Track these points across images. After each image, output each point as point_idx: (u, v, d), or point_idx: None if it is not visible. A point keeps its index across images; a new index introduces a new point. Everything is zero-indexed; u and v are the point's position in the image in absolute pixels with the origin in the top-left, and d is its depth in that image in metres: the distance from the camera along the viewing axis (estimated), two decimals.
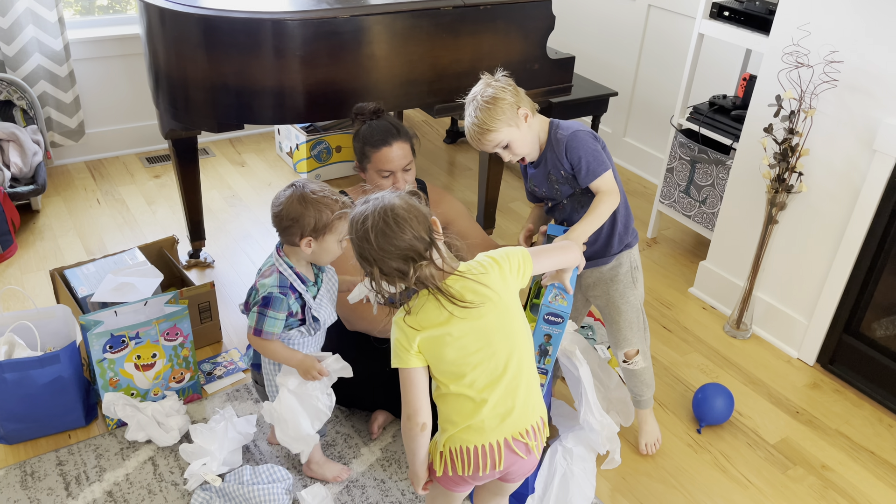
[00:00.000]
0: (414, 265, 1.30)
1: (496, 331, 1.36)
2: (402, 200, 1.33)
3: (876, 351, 2.40)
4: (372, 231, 1.29)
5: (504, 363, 1.37)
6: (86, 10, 3.74)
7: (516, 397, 1.38)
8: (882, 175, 2.21)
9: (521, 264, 1.42)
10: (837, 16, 2.22)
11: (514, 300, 1.40)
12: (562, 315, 1.68)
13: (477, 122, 1.74)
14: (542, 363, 1.76)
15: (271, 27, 2.26)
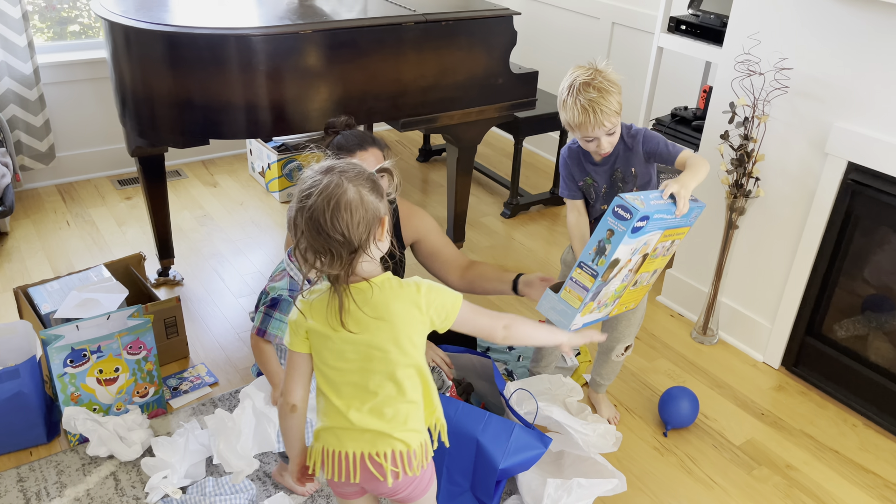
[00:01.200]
0: (329, 260, 1.25)
1: (379, 354, 1.30)
2: (356, 192, 1.24)
3: (838, 352, 2.44)
4: (308, 210, 1.22)
5: (377, 386, 1.32)
6: (58, 35, 3.77)
7: (380, 420, 1.33)
8: (835, 177, 2.27)
9: (446, 306, 1.33)
10: (785, 25, 2.28)
11: (411, 333, 1.31)
12: (631, 212, 1.56)
13: (594, 107, 1.79)
14: (596, 263, 1.62)
15: (234, 43, 2.29)
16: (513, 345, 1.77)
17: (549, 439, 1.87)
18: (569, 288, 1.68)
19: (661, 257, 1.83)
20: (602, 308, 1.79)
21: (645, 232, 1.63)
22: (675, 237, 1.80)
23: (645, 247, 1.70)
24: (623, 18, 3.61)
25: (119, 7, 2.46)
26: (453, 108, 2.78)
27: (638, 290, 1.89)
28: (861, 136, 2.17)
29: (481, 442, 1.80)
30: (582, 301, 1.66)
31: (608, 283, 1.68)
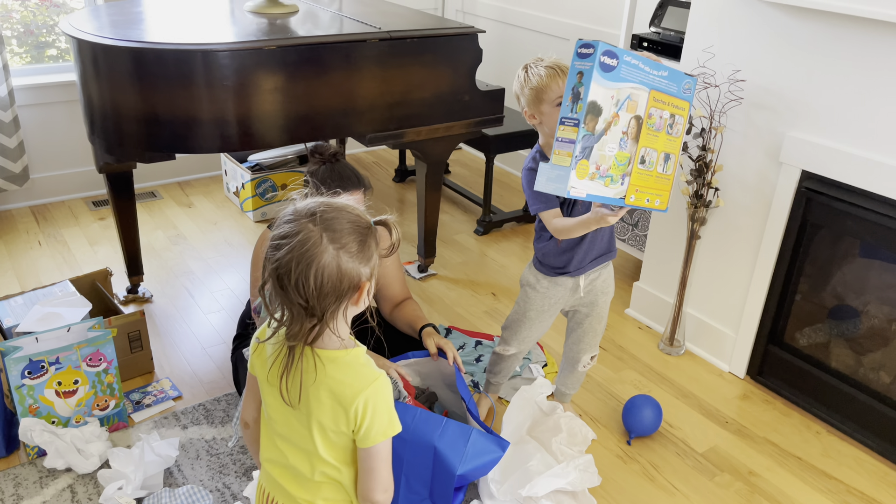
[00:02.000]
0: (290, 319, 1.15)
1: (301, 423, 1.22)
2: (335, 256, 1.11)
3: (801, 360, 2.46)
4: (274, 262, 1.12)
5: (285, 439, 1.26)
6: (35, 59, 3.81)
7: (281, 481, 1.28)
8: (790, 186, 2.31)
9: (371, 425, 1.19)
10: (737, 37, 2.34)
11: (320, 421, 1.20)
12: (593, 45, 1.53)
13: (556, 64, 1.85)
14: (574, 110, 1.56)
15: (199, 58, 2.33)
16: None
17: (506, 443, 1.87)
18: (557, 150, 1.61)
19: (666, 135, 1.74)
20: (608, 181, 1.67)
21: (620, 77, 1.58)
22: (672, 109, 1.73)
23: (631, 102, 1.64)
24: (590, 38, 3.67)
25: (87, 25, 2.50)
26: (420, 124, 2.81)
27: (655, 176, 1.77)
28: (813, 145, 2.21)
29: (438, 448, 1.80)
30: (572, 156, 1.59)
31: (598, 138, 1.61)
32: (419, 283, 3.17)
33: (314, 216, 1.13)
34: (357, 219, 1.16)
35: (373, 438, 1.20)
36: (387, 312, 2.35)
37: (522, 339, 2.19)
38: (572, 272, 2.01)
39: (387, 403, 1.20)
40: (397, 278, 2.35)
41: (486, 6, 4.34)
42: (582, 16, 3.73)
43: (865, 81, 2.07)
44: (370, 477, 1.23)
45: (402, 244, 3.48)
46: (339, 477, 1.25)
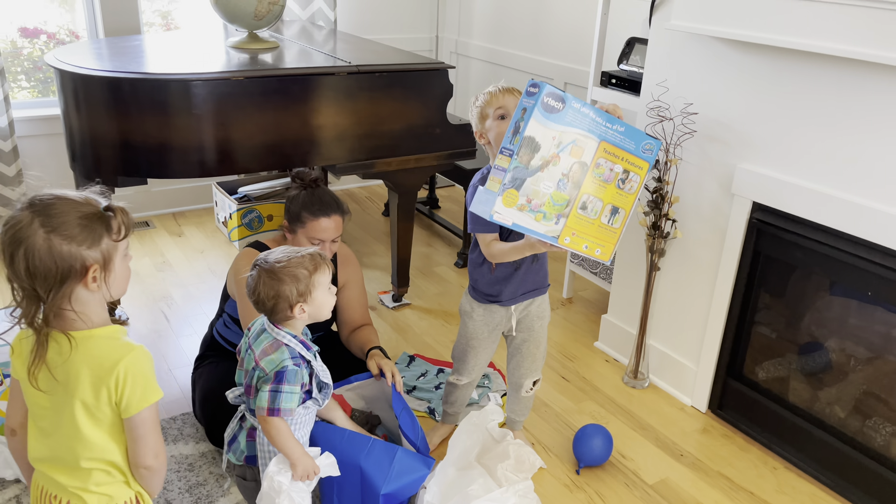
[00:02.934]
0: (21, 298, 1.18)
1: (63, 408, 1.24)
2: (45, 239, 1.16)
3: (759, 394, 2.43)
4: (2, 239, 1.17)
5: (47, 432, 1.27)
6: (42, 93, 3.99)
7: (63, 475, 1.28)
8: (741, 217, 2.32)
9: (132, 395, 1.23)
10: (689, 71, 2.39)
11: (82, 399, 1.23)
12: (539, 86, 1.57)
13: (506, 85, 1.96)
14: (512, 142, 1.62)
15: (172, 87, 2.44)
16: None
17: (431, 460, 1.88)
18: (491, 176, 1.67)
19: (616, 189, 1.75)
20: (540, 217, 1.70)
21: (565, 121, 1.62)
22: (626, 165, 1.74)
23: (576, 147, 1.67)
24: (575, 78, 3.76)
25: (70, 58, 2.63)
26: (390, 155, 2.89)
27: (597, 226, 1.78)
28: (762, 177, 2.23)
29: (364, 468, 1.81)
30: (501, 183, 1.64)
31: (532, 173, 1.65)
32: (392, 312, 3.20)
33: (31, 204, 1.19)
34: (81, 205, 1.21)
35: (135, 406, 1.24)
36: (344, 336, 2.39)
37: (471, 368, 2.21)
38: (504, 302, 2.04)
39: (145, 371, 1.25)
40: (358, 302, 2.39)
41: (477, 48, 4.46)
42: (562, 55, 3.82)
43: (807, 114, 2.09)
44: (139, 444, 1.27)
45: (378, 273, 3.54)
46: (110, 457, 1.28)
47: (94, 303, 1.25)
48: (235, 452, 1.73)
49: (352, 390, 2.19)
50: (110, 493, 1.31)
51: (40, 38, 3.88)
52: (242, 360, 1.70)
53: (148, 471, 1.31)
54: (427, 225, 4.22)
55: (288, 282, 1.59)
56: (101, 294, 1.25)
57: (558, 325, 3.14)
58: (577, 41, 3.70)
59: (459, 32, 4.61)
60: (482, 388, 2.64)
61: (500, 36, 4.27)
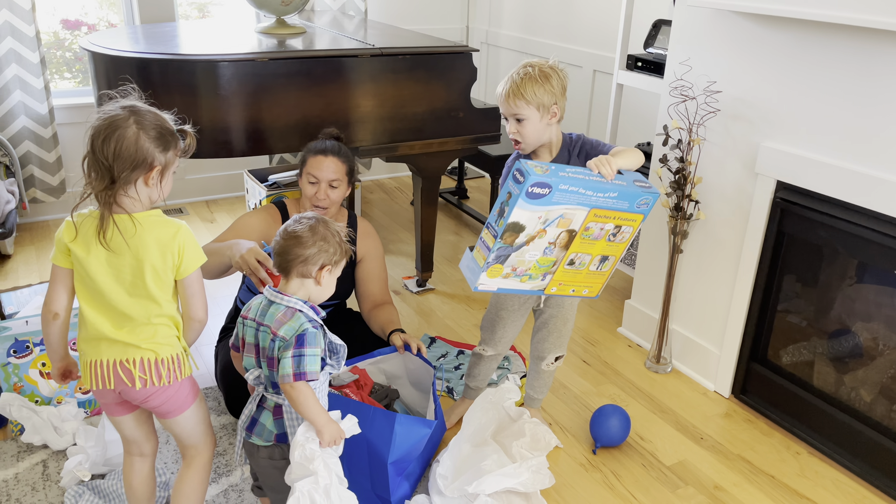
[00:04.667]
0: (97, 178, 1.43)
1: (129, 279, 1.48)
2: (135, 133, 1.43)
3: (783, 378, 2.38)
4: (92, 128, 1.44)
5: (125, 306, 1.50)
6: (83, 83, 4.12)
7: (129, 333, 1.51)
8: (765, 197, 2.28)
9: (186, 260, 1.49)
10: (712, 49, 2.36)
11: (158, 269, 1.48)
12: (525, 176, 1.56)
13: (518, 83, 1.83)
14: (497, 223, 1.65)
15: (199, 67, 2.49)
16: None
17: (432, 422, 1.89)
18: (477, 247, 1.74)
19: (607, 242, 1.77)
20: (526, 279, 1.76)
21: (550, 202, 1.61)
22: (617, 222, 1.73)
23: (563, 220, 1.67)
24: (602, 65, 3.73)
25: (102, 41, 2.71)
26: (413, 139, 2.91)
27: (585, 273, 1.82)
28: (787, 155, 2.19)
29: (369, 439, 1.83)
30: (485, 260, 1.69)
31: (518, 249, 1.68)
32: (415, 296, 3.22)
33: (131, 107, 1.47)
34: (163, 120, 1.49)
35: (191, 267, 1.51)
36: (365, 311, 2.41)
37: (498, 339, 2.22)
38: None
39: (193, 239, 1.52)
40: (378, 276, 2.42)
41: (507, 37, 4.46)
42: (591, 43, 3.79)
43: (835, 89, 2.05)
44: (193, 300, 1.55)
45: (403, 259, 3.56)
46: (169, 312, 1.54)
47: (145, 196, 1.50)
48: (262, 435, 1.68)
49: (374, 364, 2.22)
50: (173, 343, 1.56)
51: (81, 30, 4.01)
52: (250, 345, 1.63)
53: (199, 323, 1.58)
54: (455, 214, 4.23)
55: (333, 244, 1.60)
56: (152, 191, 1.49)
57: (582, 311, 3.12)
58: (606, 28, 3.68)
59: (490, 22, 4.61)
60: (502, 369, 2.64)
61: (530, 25, 4.26)
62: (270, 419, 1.65)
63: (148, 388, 1.54)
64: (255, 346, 1.60)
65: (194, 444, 1.69)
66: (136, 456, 1.73)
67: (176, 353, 1.57)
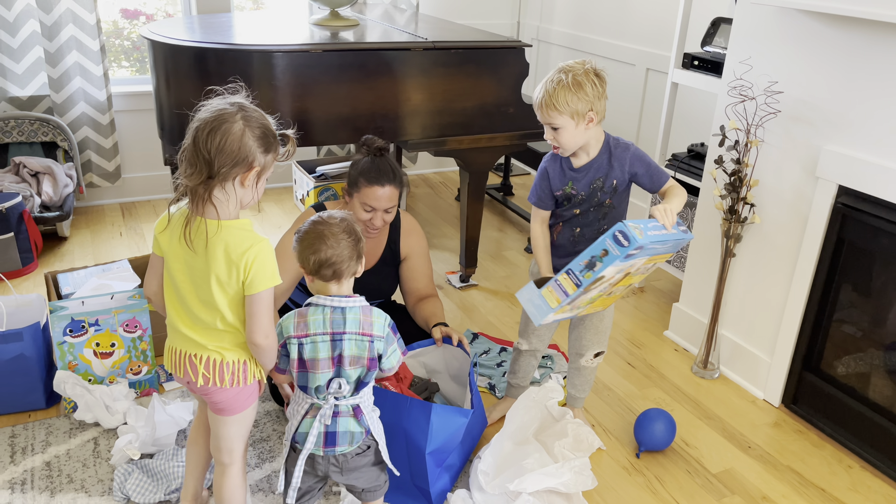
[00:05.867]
0: (193, 171, 1.41)
1: (201, 283, 1.48)
2: (241, 129, 1.41)
3: (837, 389, 2.31)
4: (197, 119, 1.42)
5: (197, 308, 1.50)
6: (140, 71, 4.21)
7: (198, 334, 1.52)
8: (826, 202, 2.21)
9: (256, 279, 1.45)
10: (775, 48, 2.29)
11: (225, 281, 1.46)
12: (630, 241, 1.63)
13: (550, 93, 1.83)
14: (583, 275, 1.70)
15: (254, 58, 2.52)
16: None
17: (468, 411, 1.89)
18: (551, 288, 1.78)
19: (640, 275, 1.92)
20: (575, 310, 1.88)
21: (636, 258, 1.74)
22: (657, 260, 1.88)
23: (630, 266, 1.79)
24: (657, 64, 3.66)
25: (162, 30, 2.76)
26: (462, 134, 2.90)
27: (610, 297, 1.95)
28: (850, 159, 2.12)
29: (407, 429, 1.83)
30: (560, 303, 1.77)
31: (588, 292, 1.78)
32: (459, 291, 3.21)
33: (239, 104, 1.45)
34: (268, 122, 1.47)
35: (257, 286, 1.46)
36: (410, 305, 2.41)
37: (531, 333, 2.21)
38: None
39: (271, 259, 1.46)
40: (422, 273, 2.41)
41: (559, 34, 4.41)
42: (645, 40, 3.73)
43: None
44: (254, 321, 1.49)
45: (447, 254, 3.56)
46: (236, 324, 1.52)
47: (235, 199, 1.47)
48: (350, 441, 1.61)
49: (413, 357, 2.22)
50: (241, 349, 1.55)
51: (139, 19, 4.10)
52: (325, 360, 1.55)
53: (258, 348, 1.52)
54: (500, 211, 4.21)
55: (357, 234, 1.60)
56: (247, 192, 1.47)
57: (628, 313, 3.08)
58: (661, 25, 3.61)
59: (541, 18, 4.57)
60: (544, 368, 2.62)
61: (582, 21, 4.21)
62: (353, 422, 1.60)
63: (210, 386, 1.55)
64: (336, 358, 1.54)
65: (232, 449, 1.65)
66: (204, 417, 1.76)
67: (243, 358, 1.56)
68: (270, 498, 1.98)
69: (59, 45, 3.53)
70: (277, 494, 1.99)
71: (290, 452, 1.63)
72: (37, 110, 3.67)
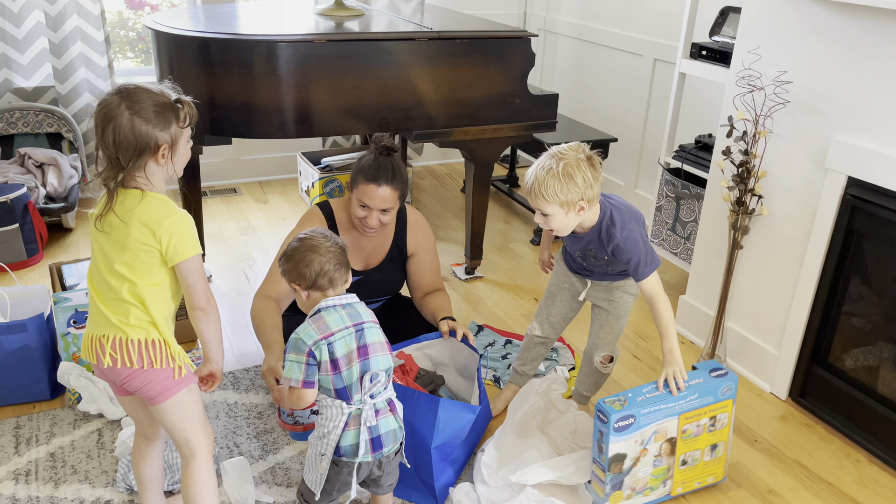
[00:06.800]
0: (106, 166, 1.44)
1: (114, 255, 1.48)
2: (129, 119, 1.40)
3: (846, 383, 2.29)
4: (95, 116, 1.44)
5: (108, 282, 1.49)
6: (145, 62, 4.20)
7: (108, 310, 1.50)
8: (835, 193, 2.18)
9: (179, 248, 1.47)
10: (784, 37, 2.26)
11: (140, 252, 1.46)
12: (608, 416, 1.75)
13: (539, 182, 1.79)
14: (601, 458, 1.82)
15: (258, 48, 2.51)
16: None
17: (476, 407, 1.88)
18: (592, 480, 1.90)
19: (709, 433, 1.92)
20: (648, 492, 1.92)
21: (639, 427, 1.80)
22: (710, 414, 1.90)
23: (658, 434, 1.85)
24: (664, 54, 3.63)
25: (165, 20, 2.75)
26: (468, 124, 2.87)
27: (702, 465, 1.96)
28: (860, 150, 2.09)
29: (413, 423, 1.82)
30: (604, 492, 1.85)
31: (628, 472, 1.85)
32: (464, 284, 3.20)
33: (121, 89, 1.44)
34: (157, 96, 1.45)
35: (180, 255, 1.48)
36: (417, 299, 2.40)
37: (542, 316, 2.23)
38: (577, 272, 2.12)
39: (189, 230, 1.48)
40: (429, 268, 2.39)
41: (565, 24, 4.38)
42: (652, 31, 3.69)
43: None
44: (192, 290, 1.52)
45: (452, 246, 3.54)
46: (142, 295, 1.49)
47: (159, 175, 1.49)
48: (395, 439, 1.64)
49: (419, 349, 2.21)
50: (146, 328, 1.52)
51: (144, 10, 4.08)
52: (353, 353, 1.57)
53: (202, 312, 1.54)
54: (506, 203, 4.19)
55: (345, 252, 1.67)
56: (165, 169, 1.49)
57: (635, 306, 3.03)
58: (668, 15, 3.57)
59: (548, 8, 4.54)
60: (550, 360, 2.61)
61: (589, 11, 4.17)
62: (392, 418, 1.63)
63: (119, 367, 1.50)
64: (363, 348, 1.57)
65: (188, 440, 1.60)
66: (142, 437, 1.70)
67: (150, 338, 1.51)
68: (275, 490, 1.97)
69: (64, 36, 3.52)
70: (282, 486, 1.98)
71: (331, 465, 1.60)
72: (42, 101, 3.67)
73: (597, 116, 4.17)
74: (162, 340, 1.53)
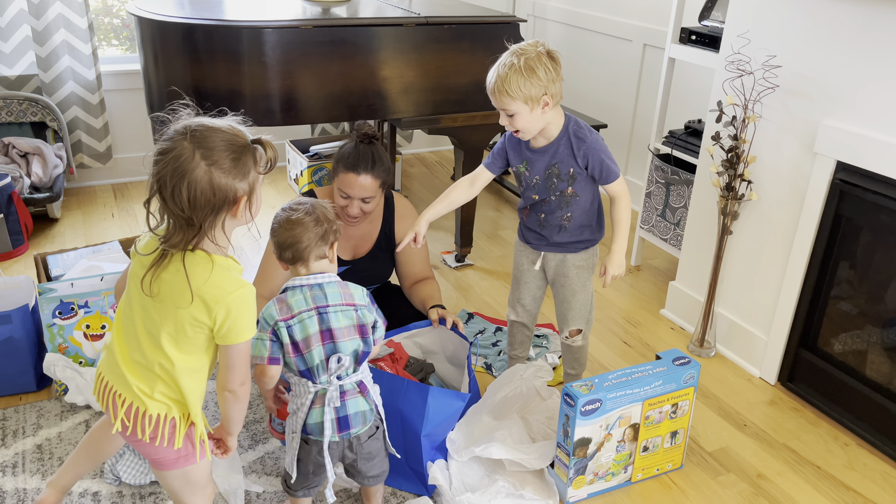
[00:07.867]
0: (173, 228, 1.24)
1: (155, 323, 1.31)
2: (206, 171, 1.21)
3: (834, 367, 2.30)
4: (155, 176, 1.23)
5: (141, 346, 1.33)
6: (130, 50, 4.15)
7: (133, 374, 1.35)
8: (823, 178, 2.18)
9: (233, 331, 1.29)
10: (773, 21, 2.25)
11: (187, 327, 1.30)
12: (575, 399, 1.77)
13: (502, 78, 1.79)
14: (566, 443, 1.84)
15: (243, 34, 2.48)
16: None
17: (465, 395, 1.88)
18: (556, 465, 1.93)
19: (670, 421, 1.96)
20: (609, 477, 1.95)
21: (605, 411, 1.83)
22: (674, 401, 1.94)
23: (622, 420, 1.88)
24: (654, 40, 3.61)
25: (149, 6, 2.71)
26: (456, 111, 2.86)
27: (662, 452, 2.00)
28: (849, 134, 2.08)
29: (403, 411, 1.82)
30: (567, 476, 1.88)
31: (591, 457, 1.88)
32: (454, 271, 3.19)
33: (188, 134, 1.21)
34: (232, 137, 1.24)
35: (234, 337, 1.31)
36: (406, 288, 2.39)
37: (513, 300, 2.23)
38: (532, 245, 2.11)
39: (249, 309, 1.30)
40: (418, 256, 2.38)
41: (554, 9, 4.35)
42: (642, 16, 3.67)
43: None
44: (230, 371, 1.35)
45: (442, 234, 3.53)
46: (172, 373, 1.33)
47: (231, 229, 1.31)
48: (364, 421, 1.61)
49: (409, 337, 2.20)
50: (168, 405, 1.37)
51: None
52: (316, 335, 1.54)
53: (232, 395, 1.38)
54: (496, 190, 4.18)
55: (332, 219, 1.62)
56: (239, 221, 1.30)
57: (624, 292, 3.06)
58: (658, 0, 3.55)
59: None
60: (540, 347, 2.61)
61: None
62: (362, 400, 1.61)
63: (129, 434, 1.37)
64: (326, 332, 1.54)
65: (181, 502, 1.50)
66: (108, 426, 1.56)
67: (169, 416, 1.36)
68: (264, 479, 1.97)
69: (47, 24, 3.47)
70: (271, 475, 1.98)
71: (301, 444, 1.60)
72: (25, 90, 3.62)
73: (586, 102, 4.15)
74: (182, 418, 1.38)
